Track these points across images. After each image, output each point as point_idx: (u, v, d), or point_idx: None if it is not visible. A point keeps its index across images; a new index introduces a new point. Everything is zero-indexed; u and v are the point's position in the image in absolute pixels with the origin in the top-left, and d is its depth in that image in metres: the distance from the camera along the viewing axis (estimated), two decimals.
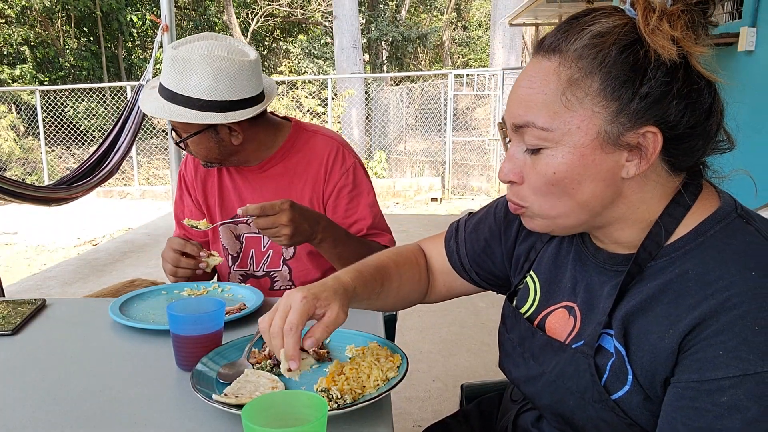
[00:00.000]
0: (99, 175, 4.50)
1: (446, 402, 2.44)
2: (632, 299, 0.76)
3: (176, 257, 1.40)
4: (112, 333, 1.21)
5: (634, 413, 0.74)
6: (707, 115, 0.73)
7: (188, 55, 1.35)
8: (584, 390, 0.78)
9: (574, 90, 0.72)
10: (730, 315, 0.66)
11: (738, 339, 0.65)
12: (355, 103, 9.96)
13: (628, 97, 0.71)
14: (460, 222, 1.09)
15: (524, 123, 0.75)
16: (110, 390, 0.97)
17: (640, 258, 0.76)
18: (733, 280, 0.68)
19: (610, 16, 0.73)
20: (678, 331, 0.69)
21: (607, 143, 0.72)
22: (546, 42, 0.75)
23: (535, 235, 0.97)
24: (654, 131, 0.71)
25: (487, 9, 15.37)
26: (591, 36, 0.72)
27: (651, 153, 0.72)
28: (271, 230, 1.28)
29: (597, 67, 0.71)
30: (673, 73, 0.70)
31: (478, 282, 1.06)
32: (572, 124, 0.72)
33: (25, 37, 12.87)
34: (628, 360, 0.75)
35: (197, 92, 1.35)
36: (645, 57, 0.70)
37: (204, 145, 1.43)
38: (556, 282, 0.90)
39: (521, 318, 0.91)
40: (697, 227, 0.74)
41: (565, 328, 0.85)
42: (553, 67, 0.73)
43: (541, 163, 0.75)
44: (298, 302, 0.82)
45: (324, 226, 1.35)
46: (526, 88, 0.75)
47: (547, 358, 0.84)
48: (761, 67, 3.19)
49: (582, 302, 0.84)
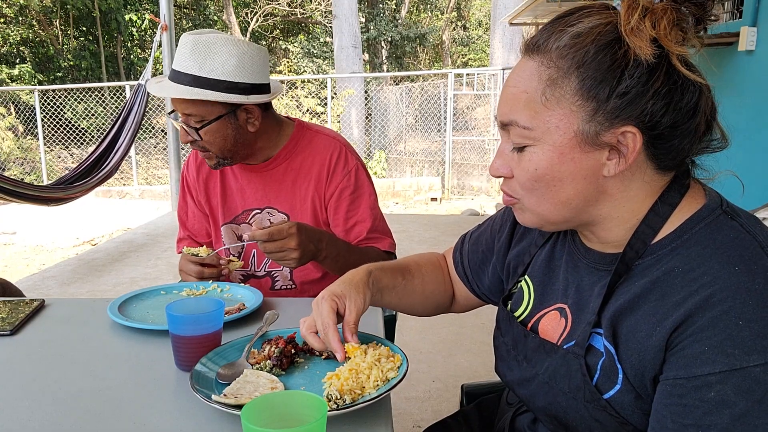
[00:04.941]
0: (99, 174, 4.51)
1: (446, 402, 2.43)
2: (620, 298, 0.76)
3: (199, 270, 1.42)
4: (111, 333, 1.20)
5: (626, 412, 0.75)
6: (690, 115, 0.72)
7: (211, 38, 1.38)
8: (576, 390, 0.78)
9: (553, 89, 0.73)
10: (714, 311, 0.66)
11: (723, 334, 0.65)
12: (355, 102, 9.95)
13: (604, 97, 0.71)
14: (467, 234, 1.12)
15: (509, 121, 0.77)
16: (109, 390, 0.97)
17: (627, 257, 0.77)
18: (717, 276, 0.68)
19: (596, 14, 0.73)
20: (664, 329, 0.70)
21: (586, 142, 0.73)
22: (531, 41, 0.76)
23: (528, 239, 0.98)
24: (633, 131, 0.71)
25: (487, 8, 15.37)
26: (571, 36, 0.72)
27: (630, 152, 0.72)
28: (278, 254, 1.29)
29: (574, 66, 0.71)
30: (653, 72, 0.70)
31: (479, 295, 1.09)
32: (551, 123, 0.73)
33: (24, 37, 12.85)
34: (617, 359, 0.75)
35: (222, 73, 1.36)
36: (624, 56, 0.70)
37: (222, 133, 1.41)
38: (550, 285, 0.90)
39: (515, 321, 0.92)
40: (682, 225, 0.74)
41: (557, 329, 0.86)
42: (535, 66, 0.74)
43: (524, 160, 0.77)
44: (323, 304, 0.92)
45: (327, 242, 1.36)
46: (511, 87, 0.77)
47: (540, 360, 0.85)
48: (761, 66, 3.19)
49: (573, 303, 0.85)
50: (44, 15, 13.05)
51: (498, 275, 1.04)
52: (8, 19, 12.73)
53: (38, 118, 8.91)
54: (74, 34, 13.73)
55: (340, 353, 0.89)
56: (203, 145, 1.43)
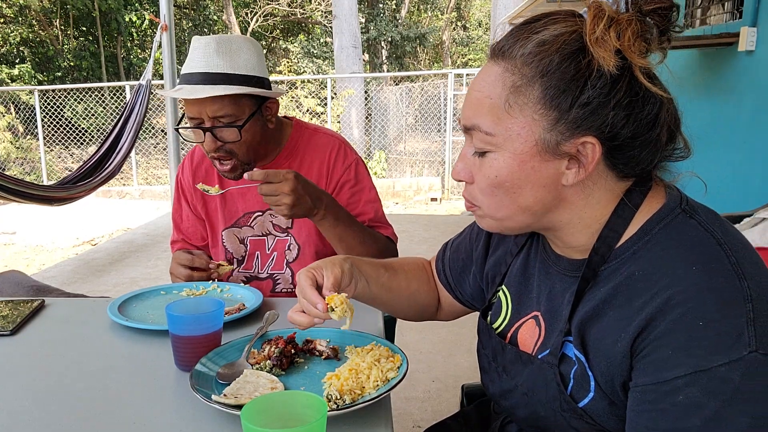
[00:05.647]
0: (101, 175, 4.51)
1: (446, 402, 2.43)
2: (587, 305, 0.76)
3: (188, 273, 1.42)
4: (110, 333, 1.20)
5: (603, 419, 0.74)
6: (650, 127, 0.72)
7: (228, 37, 1.39)
8: (553, 400, 0.78)
9: (517, 97, 0.72)
10: (674, 313, 0.66)
11: (685, 337, 0.65)
12: (355, 102, 9.95)
13: (566, 107, 0.70)
14: (448, 242, 1.12)
15: (472, 126, 0.76)
16: (109, 390, 0.97)
17: (593, 262, 0.76)
18: (676, 277, 0.67)
19: (562, 22, 0.73)
20: (628, 335, 0.70)
21: (546, 151, 0.72)
22: (497, 46, 0.76)
23: (503, 248, 0.97)
24: (592, 141, 0.71)
25: (487, 8, 15.37)
26: (536, 43, 0.72)
27: (589, 162, 0.72)
28: (272, 198, 1.29)
29: (538, 74, 0.71)
30: (616, 83, 0.70)
31: (463, 302, 1.09)
32: (513, 131, 0.73)
33: (24, 37, 12.85)
34: (588, 367, 0.75)
35: (249, 69, 1.38)
36: (587, 66, 0.69)
37: (252, 130, 1.41)
38: (526, 293, 0.90)
39: (493, 333, 0.92)
40: (643, 227, 0.74)
41: (533, 338, 0.85)
42: (500, 72, 0.74)
43: (485, 165, 0.76)
44: (301, 277, 0.93)
45: (327, 204, 1.35)
46: (475, 92, 0.77)
47: (518, 371, 0.85)
48: (761, 67, 3.19)
49: (546, 311, 0.84)
50: (44, 15, 13.05)
51: (479, 283, 1.04)
52: (8, 19, 12.72)
53: (38, 118, 8.91)
54: (74, 34, 13.73)
55: (320, 304, 0.88)
56: (231, 149, 1.40)
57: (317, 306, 0.88)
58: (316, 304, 0.88)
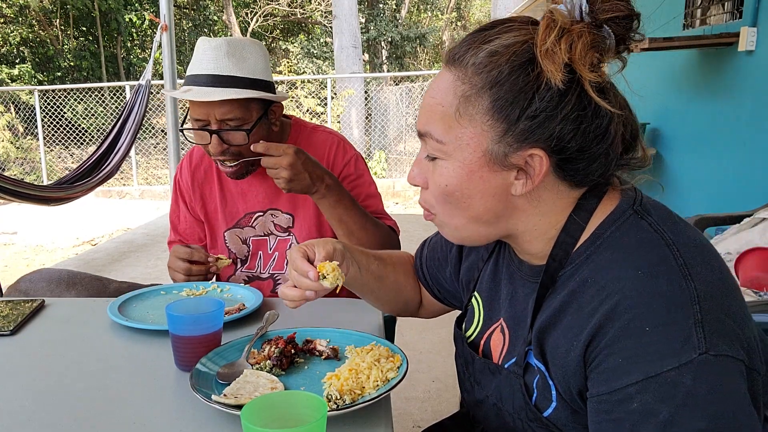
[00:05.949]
0: (99, 174, 4.50)
1: (446, 402, 2.43)
2: (545, 312, 0.76)
3: (187, 267, 1.41)
4: (110, 333, 1.20)
5: (568, 429, 0.74)
6: (599, 140, 0.71)
7: (236, 40, 1.38)
8: (520, 410, 0.78)
9: (467, 106, 0.72)
10: (622, 320, 0.65)
11: (634, 343, 0.64)
12: (355, 102, 9.94)
13: (514, 118, 0.70)
14: (427, 239, 1.11)
15: (425, 132, 0.76)
16: (109, 390, 0.97)
17: (551, 268, 0.76)
18: (622, 282, 0.67)
19: (515, 30, 0.72)
20: (580, 343, 0.69)
21: (494, 162, 0.72)
22: (451, 53, 0.75)
23: (475, 254, 0.97)
24: (540, 154, 0.70)
25: (487, 8, 15.37)
26: (487, 53, 0.71)
27: (536, 175, 0.72)
28: (272, 171, 1.31)
29: (488, 85, 0.70)
30: (564, 96, 0.69)
31: (442, 300, 1.09)
32: (463, 140, 0.73)
33: (24, 37, 12.85)
34: (549, 376, 0.75)
35: (257, 73, 1.38)
36: (537, 78, 0.69)
37: (259, 133, 1.41)
38: (496, 300, 0.89)
39: (465, 343, 0.92)
40: (596, 230, 0.73)
41: (498, 346, 0.85)
42: (452, 80, 0.73)
43: (436, 173, 0.76)
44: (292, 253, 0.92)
45: (328, 184, 1.35)
46: (429, 98, 0.76)
47: (487, 382, 0.84)
48: (761, 67, 3.19)
49: (509, 317, 0.84)
50: (44, 15, 13.04)
51: (454, 283, 1.03)
52: (8, 19, 12.72)
53: (38, 118, 8.90)
54: (74, 34, 13.72)
55: (312, 272, 0.87)
56: (238, 152, 1.39)
57: (308, 274, 0.87)
58: (308, 272, 0.87)
